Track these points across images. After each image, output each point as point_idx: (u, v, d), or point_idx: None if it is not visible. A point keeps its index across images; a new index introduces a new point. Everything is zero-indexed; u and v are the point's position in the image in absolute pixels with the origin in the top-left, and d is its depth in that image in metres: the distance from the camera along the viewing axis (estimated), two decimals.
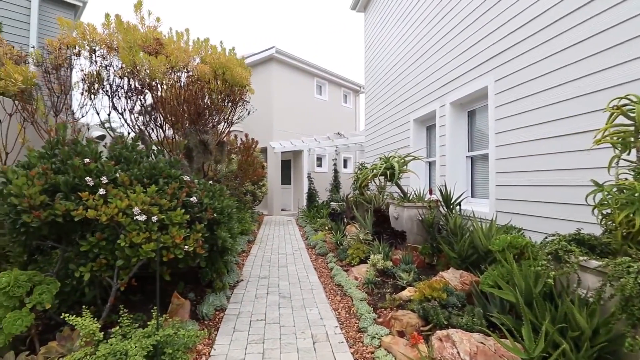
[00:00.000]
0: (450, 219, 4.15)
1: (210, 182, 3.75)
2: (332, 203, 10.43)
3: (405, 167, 4.71)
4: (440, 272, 3.44)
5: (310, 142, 11.23)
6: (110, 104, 3.72)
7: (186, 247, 2.35)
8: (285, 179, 13.91)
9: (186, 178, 2.89)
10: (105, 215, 2.10)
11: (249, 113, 4.64)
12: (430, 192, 4.58)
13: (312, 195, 11.00)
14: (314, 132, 12.11)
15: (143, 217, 2.19)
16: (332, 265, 4.62)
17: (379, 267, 3.89)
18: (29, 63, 3.36)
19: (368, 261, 4.08)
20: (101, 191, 2.20)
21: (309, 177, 11.16)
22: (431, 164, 6.11)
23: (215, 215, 2.87)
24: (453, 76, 4.87)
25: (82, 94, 3.70)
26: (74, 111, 3.76)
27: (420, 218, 4.51)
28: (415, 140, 6.21)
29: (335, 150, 12.05)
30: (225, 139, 4.69)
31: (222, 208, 3.01)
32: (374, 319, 2.78)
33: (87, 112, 3.98)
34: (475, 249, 3.41)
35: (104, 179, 2.29)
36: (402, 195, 4.94)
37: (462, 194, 4.42)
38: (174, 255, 2.31)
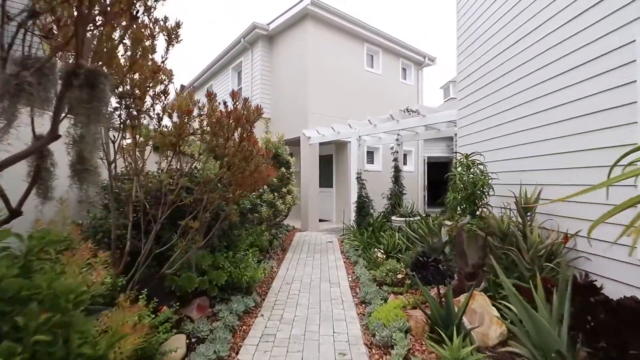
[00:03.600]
0: None
1: None
2: (394, 218, 6.84)
3: None
4: None
5: (361, 126, 7.69)
6: None
7: None
8: (325, 179, 10.56)
9: None
10: None
11: None
12: None
13: (363, 205, 7.46)
14: (362, 117, 8.51)
15: None
16: None
17: None
18: None
19: None
20: None
21: (359, 178, 7.62)
22: None
23: None
24: None
25: None
26: None
27: None
28: None
29: (397, 139, 8.36)
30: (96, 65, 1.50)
31: None
32: None
33: None
34: None
35: None
36: None
37: None
38: None
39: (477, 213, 3.85)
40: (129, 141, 2.86)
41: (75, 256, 1.53)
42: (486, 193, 3.77)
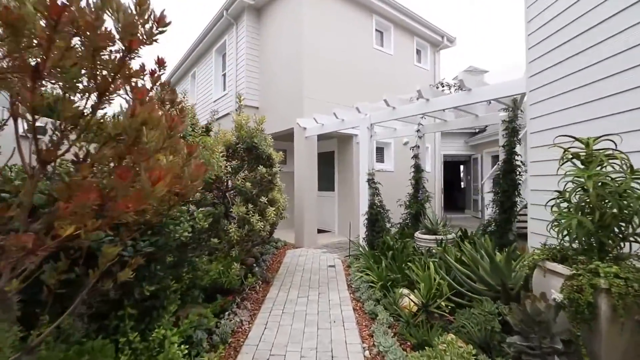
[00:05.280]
0: None
1: None
2: (418, 235, 4.98)
3: None
4: None
5: (373, 111, 5.83)
6: None
7: None
8: (325, 181, 8.70)
9: None
10: None
11: None
12: None
13: (377, 217, 5.57)
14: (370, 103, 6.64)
15: None
16: None
17: None
18: None
19: None
20: None
21: (371, 180, 5.74)
22: None
23: None
24: None
25: None
26: None
27: None
28: None
29: (418, 130, 6.50)
30: None
31: None
32: None
33: None
34: None
35: None
36: None
37: None
38: None
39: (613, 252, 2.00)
40: None
41: None
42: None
